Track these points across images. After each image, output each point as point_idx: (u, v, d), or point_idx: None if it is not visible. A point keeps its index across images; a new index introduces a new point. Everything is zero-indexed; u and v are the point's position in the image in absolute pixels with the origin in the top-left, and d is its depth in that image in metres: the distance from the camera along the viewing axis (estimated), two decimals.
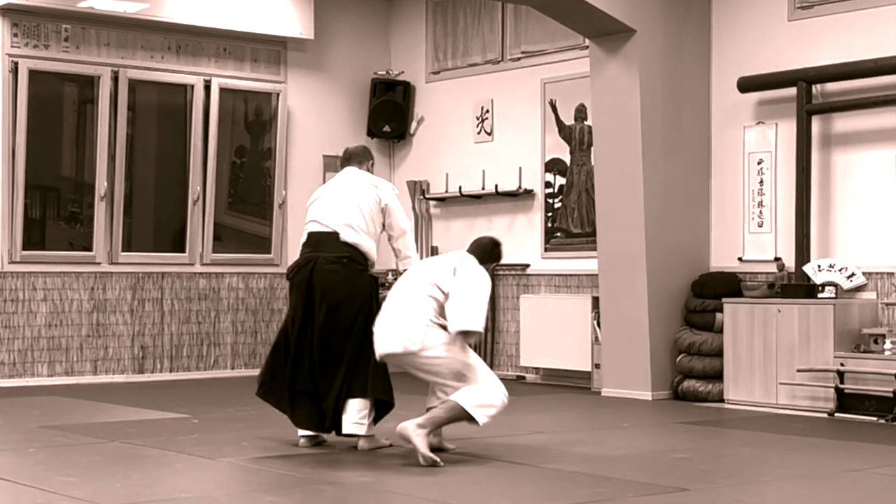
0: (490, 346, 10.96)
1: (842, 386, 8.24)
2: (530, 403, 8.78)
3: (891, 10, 8.62)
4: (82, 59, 10.41)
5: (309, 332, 6.54)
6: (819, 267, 8.70)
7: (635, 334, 9.27)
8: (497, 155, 11.10)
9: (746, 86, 9.24)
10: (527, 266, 10.80)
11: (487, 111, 11.23)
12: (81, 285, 10.45)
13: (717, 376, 9.07)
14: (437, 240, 11.58)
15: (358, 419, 6.46)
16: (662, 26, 9.35)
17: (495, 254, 6.52)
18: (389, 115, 11.83)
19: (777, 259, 9.15)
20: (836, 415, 8.25)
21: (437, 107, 11.71)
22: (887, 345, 8.21)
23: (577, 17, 9.24)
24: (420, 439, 5.98)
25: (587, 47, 9.72)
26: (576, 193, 10.47)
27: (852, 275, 8.62)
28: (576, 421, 8.31)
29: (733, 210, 9.46)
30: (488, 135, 11.23)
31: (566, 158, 10.57)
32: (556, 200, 10.62)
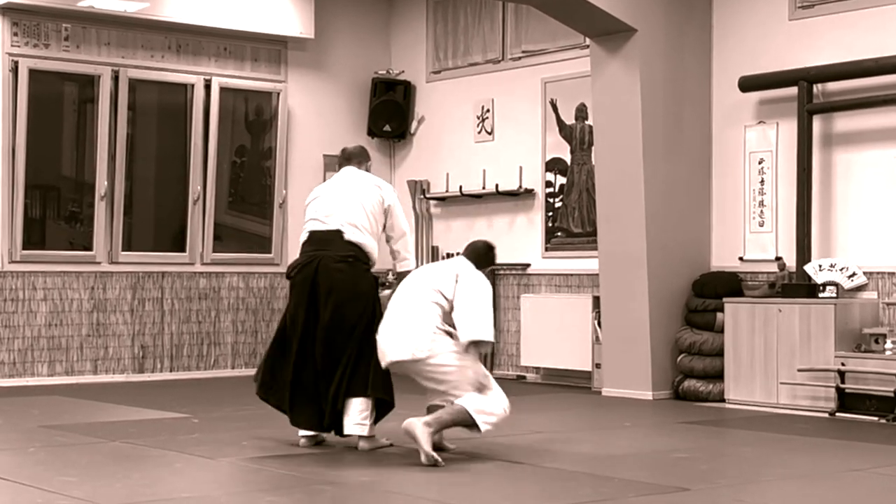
0: (491, 347, 10.93)
1: (843, 386, 8.24)
2: (531, 403, 8.76)
3: (892, 10, 8.61)
4: (82, 59, 10.40)
5: (312, 331, 6.53)
6: (820, 266, 8.69)
7: (636, 334, 9.27)
8: (497, 154, 11.09)
9: (747, 85, 9.24)
10: (527, 266, 10.79)
11: (488, 111, 11.22)
12: (81, 285, 10.44)
13: (717, 376, 9.06)
14: (438, 240, 11.57)
15: (359, 420, 6.46)
16: (663, 26, 9.35)
17: (490, 258, 6.58)
18: (390, 115, 11.82)
19: (778, 259, 9.14)
20: (837, 414, 8.24)
21: (438, 106, 11.70)
22: (888, 344, 8.20)
23: (578, 17, 9.23)
24: (425, 437, 6.01)
25: (588, 47, 9.71)
26: (576, 193, 10.46)
27: (853, 274, 8.61)
28: (576, 421, 8.30)
29: (734, 209, 9.45)
30: (489, 134, 11.21)
31: (567, 158, 10.56)
32: (557, 200, 10.61)
